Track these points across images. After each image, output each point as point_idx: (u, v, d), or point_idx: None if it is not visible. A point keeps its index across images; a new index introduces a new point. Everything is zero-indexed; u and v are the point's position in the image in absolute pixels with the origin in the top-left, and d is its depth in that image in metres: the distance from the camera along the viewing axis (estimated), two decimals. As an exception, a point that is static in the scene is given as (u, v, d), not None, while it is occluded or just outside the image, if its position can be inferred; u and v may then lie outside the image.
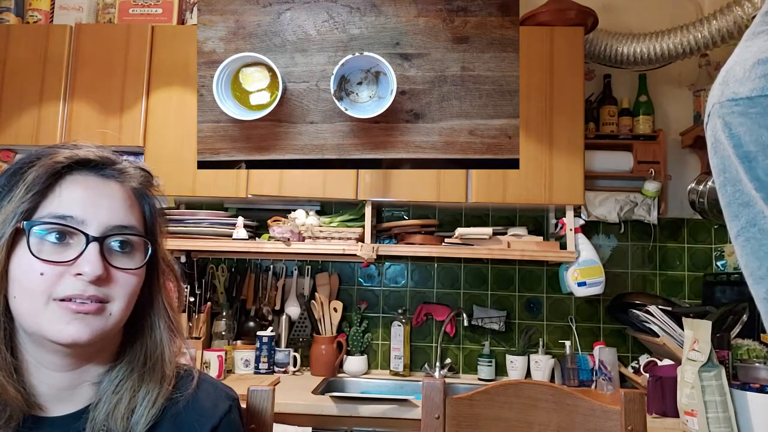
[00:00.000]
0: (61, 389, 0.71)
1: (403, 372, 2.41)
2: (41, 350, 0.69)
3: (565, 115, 2.21)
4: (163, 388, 0.73)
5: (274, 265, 2.57)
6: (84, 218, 0.68)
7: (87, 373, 0.72)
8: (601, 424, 1.13)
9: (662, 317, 2.06)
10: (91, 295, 0.67)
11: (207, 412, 0.77)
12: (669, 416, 1.84)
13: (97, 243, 0.68)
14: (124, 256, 0.71)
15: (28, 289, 0.66)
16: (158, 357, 0.75)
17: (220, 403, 0.79)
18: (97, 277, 0.66)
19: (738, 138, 0.56)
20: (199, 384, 0.78)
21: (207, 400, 0.78)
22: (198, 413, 0.76)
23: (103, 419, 0.70)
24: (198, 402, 0.76)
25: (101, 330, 0.68)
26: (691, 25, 2.24)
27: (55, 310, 0.66)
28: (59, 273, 0.66)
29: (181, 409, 0.74)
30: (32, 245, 0.66)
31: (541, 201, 2.19)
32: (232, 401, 0.81)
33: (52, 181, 0.69)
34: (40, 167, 0.68)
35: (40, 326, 0.66)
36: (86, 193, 0.70)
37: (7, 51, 2.30)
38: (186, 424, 0.74)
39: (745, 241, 0.58)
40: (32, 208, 0.67)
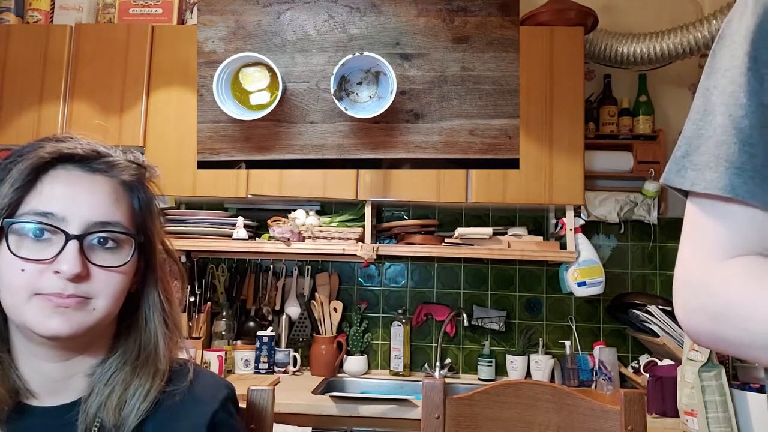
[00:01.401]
0: (54, 380, 0.72)
1: (403, 372, 2.41)
2: (30, 341, 0.70)
3: (565, 115, 2.21)
4: (156, 382, 0.73)
5: (274, 265, 2.57)
6: (64, 215, 0.68)
7: (80, 364, 0.73)
8: (601, 424, 1.13)
9: (662, 317, 2.06)
10: (71, 293, 0.67)
11: (206, 400, 0.76)
12: (669, 416, 1.84)
13: (76, 241, 0.67)
14: (107, 253, 0.70)
15: (10, 285, 0.67)
16: (151, 351, 0.75)
17: (219, 392, 0.79)
18: (75, 275, 0.66)
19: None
20: (196, 376, 0.78)
21: (204, 390, 0.78)
22: (196, 403, 0.76)
23: (95, 411, 0.70)
24: (195, 393, 0.76)
25: (84, 324, 0.68)
26: (691, 25, 2.24)
27: (37, 303, 0.66)
28: (40, 270, 0.66)
29: (177, 401, 0.74)
30: (12, 242, 0.66)
31: (541, 201, 2.19)
32: (229, 390, 0.81)
33: (34, 176, 0.68)
34: (25, 161, 0.68)
35: (23, 319, 0.67)
36: (68, 190, 0.69)
37: (7, 51, 2.31)
38: (183, 414, 0.74)
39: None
40: (15, 203, 0.67)
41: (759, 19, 0.59)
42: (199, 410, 0.75)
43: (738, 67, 0.59)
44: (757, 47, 0.59)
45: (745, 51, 0.59)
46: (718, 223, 0.59)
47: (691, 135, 0.63)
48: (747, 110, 0.58)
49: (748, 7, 0.61)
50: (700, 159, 0.60)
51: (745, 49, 0.59)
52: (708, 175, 0.59)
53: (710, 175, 0.58)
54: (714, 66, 0.64)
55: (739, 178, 0.57)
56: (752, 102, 0.58)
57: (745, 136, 0.57)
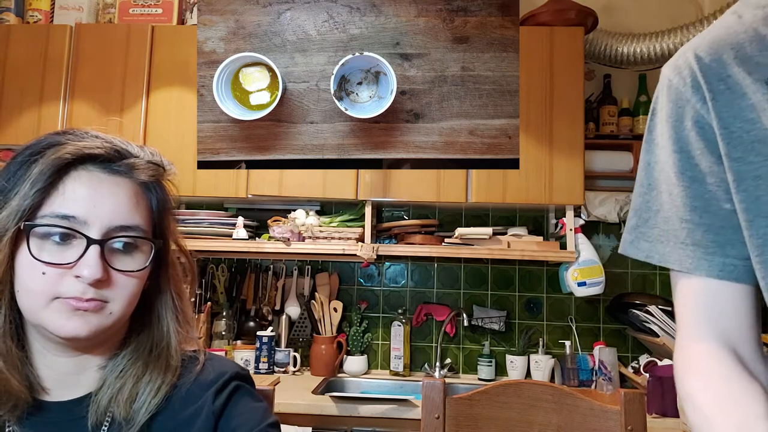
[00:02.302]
0: (66, 374, 0.72)
1: (403, 372, 2.41)
2: (46, 339, 0.70)
3: (565, 115, 2.21)
4: (167, 377, 0.74)
5: (274, 265, 2.57)
6: (86, 219, 0.68)
7: (92, 359, 0.73)
8: (601, 424, 1.13)
9: (662, 317, 2.06)
10: (90, 298, 0.67)
11: (210, 385, 0.76)
12: (669, 416, 1.84)
13: (98, 246, 0.67)
14: (127, 257, 0.71)
15: (30, 288, 0.66)
16: (164, 347, 0.75)
17: (223, 374, 0.78)
18: (96, 281, 0.66)
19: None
20: (205, 365, 0.78)
21: (212, 372, 0.78)
22: (202, 389, 0.76)
23: (105, 404, 0.70)
24: (201, 380, 0.77)
25: (101, 326, 0.69)
26: (691, 25, 2.24)
27: (56, 307, 0.66)
28: (60, 273, 0.66)
29: (185, 392, 0.75)
30: (33, 246, 0.66)
31: (541, 201, 2.19)
32: (236, 370, 0.80)
33: (57, 177, 0.68)
34: (46, 161, 0.67)
35: (41, 321, 0.67)
36: (90, 192, 0.69)
37: (7, 51, 2.31)
38: (191, 403, 0.74)
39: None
40: (36, 205, 0.67)
41: (672, 105, 0.65)
42: (204, 395, 0.75)
43: (668, 147, 0.66)
44: (677, 129, 0.65)
45: (669, 135, 0.66)
46: (681, 301, 0.67)
47: (639, 208, 0.69)
48: (681, 187, 0.64)
49: (662, 92, 0.68)
50: (651, 232, 0.67)
51: (668, 133, 0.66)
52: (660, 248, 0.66)
53: (662, 248, 0.66)
54: (651, 142, 0.69)
55: (683, 251, 0.64)
56: (684, 180, 0.64)
57: (684, 213, 0.64)
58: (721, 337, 0.63)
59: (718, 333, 0.63)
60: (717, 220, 0.62)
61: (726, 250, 0.62)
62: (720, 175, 0.62)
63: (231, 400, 0.76)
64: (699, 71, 0.62)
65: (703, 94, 0.62)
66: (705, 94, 0.62)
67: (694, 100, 0.63)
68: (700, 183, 0.63)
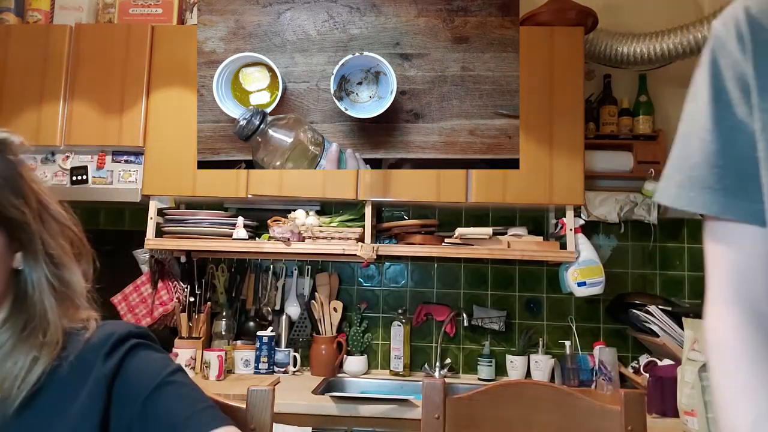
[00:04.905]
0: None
1: (403, 372, 2.41)
2: None
3: (565, 115, 2.21)
4: (43, 352, 0.72)
5: (274, 265, 2.57)
6: None
7: None
8: (601, 424, 1.13)
9: (662, 317, 2.06)
10: None
11: (98, 345, 0.74)
12: (669, 416, 1.84)
13: None
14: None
15: None
16: (37, 322, 0.74)
17: (112, 336, 0.75)
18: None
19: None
20: (94, 333, 0.76)
21: (99, 341, 0.75)
22: (90, 357, 0.74)
23: None
24: (89, 348, 0.75)
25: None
26: (691, 25, 2.24)
27: None
28: None
29: (71, 363, 0.73)
30: None
31: (541, 201, 2.19)
32: (132, 328, 0.78)
33: None
34: None
35: None
36: None
37: (7, 51, 2.30)
38: (78, 374, 0.73)
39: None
40: None
41: (714, 54, 0.67)
42: (92, 362, 0.73)
43: (705, 96, 0.68)
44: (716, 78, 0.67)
45: (707, 83, 0.67)
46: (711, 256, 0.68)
47: (673, 156, 0.71)
48: (714, 134, 0.66)
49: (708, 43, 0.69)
50: (679, 177, 0.69)
51: (707, 81, 0.68)
52: (687, 193, 0.67)
53: (689, 193, 0.67)
54: (692, 92, 0.72)
55: (712, 195, 0.65)
56: (716, 127, 0.66)
57: (715, 159, 0.65)
58: (748, 300, 0.63)
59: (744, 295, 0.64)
60: (747, 167, 0.64)
61: (754, 195, 0.63)
62: (752, 125, 0.63)
63: (125, 359, 0.74)
64: (745, 21, 0.64)
65: (744, 45, 0.64)
66: (746, 45, 0.64)
67: (736, 50, 0.64)
68: (732, 130, 0.65)
